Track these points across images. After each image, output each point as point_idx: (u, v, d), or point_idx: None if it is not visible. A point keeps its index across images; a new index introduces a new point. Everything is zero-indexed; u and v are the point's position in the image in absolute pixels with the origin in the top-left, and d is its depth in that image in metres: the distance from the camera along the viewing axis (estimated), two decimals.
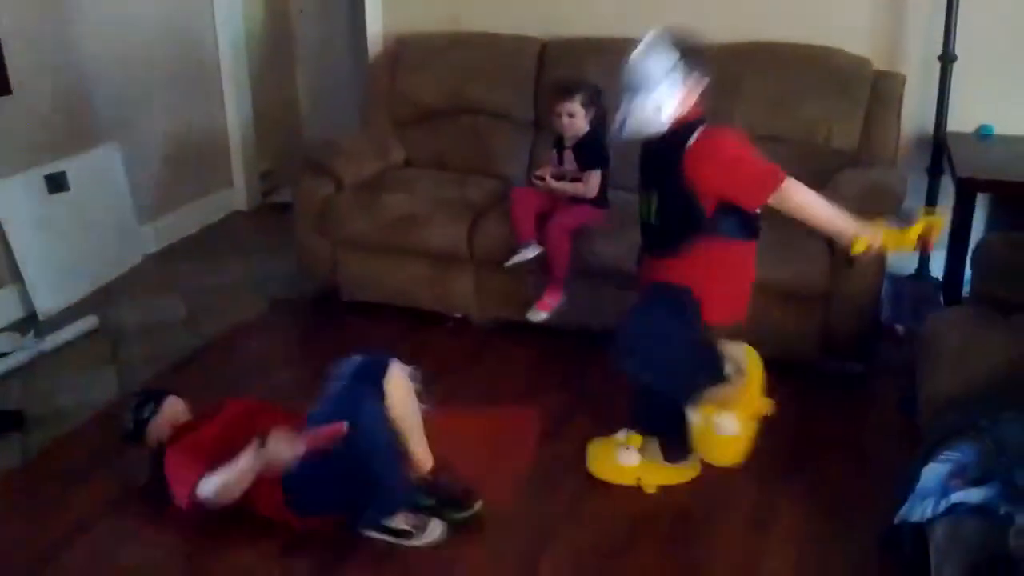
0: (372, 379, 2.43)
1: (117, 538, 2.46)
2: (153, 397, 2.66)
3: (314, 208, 3.69)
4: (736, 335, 3.01)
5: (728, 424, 2.52)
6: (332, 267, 3.75)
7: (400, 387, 2.47)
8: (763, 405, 2.56)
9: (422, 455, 2.51)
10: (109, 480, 2.67)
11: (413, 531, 2.36)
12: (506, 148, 3.92)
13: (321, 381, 2.52)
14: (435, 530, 2.38)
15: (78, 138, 3.99)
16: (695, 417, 2.53)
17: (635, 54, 2.32)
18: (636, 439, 2.64)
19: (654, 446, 2.62)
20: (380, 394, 2.41)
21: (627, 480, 2.61)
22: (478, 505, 2.46)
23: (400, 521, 2.36)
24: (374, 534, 2.37)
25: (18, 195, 3.69)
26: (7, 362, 3.32)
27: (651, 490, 2.59)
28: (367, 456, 2.28)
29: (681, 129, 2.32)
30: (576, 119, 3.30)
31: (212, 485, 2.33)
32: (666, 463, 2.61)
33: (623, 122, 2.34)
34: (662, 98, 2.29)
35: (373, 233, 3.60)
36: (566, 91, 3.33)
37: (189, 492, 2.37)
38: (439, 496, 2.44)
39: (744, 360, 2.58)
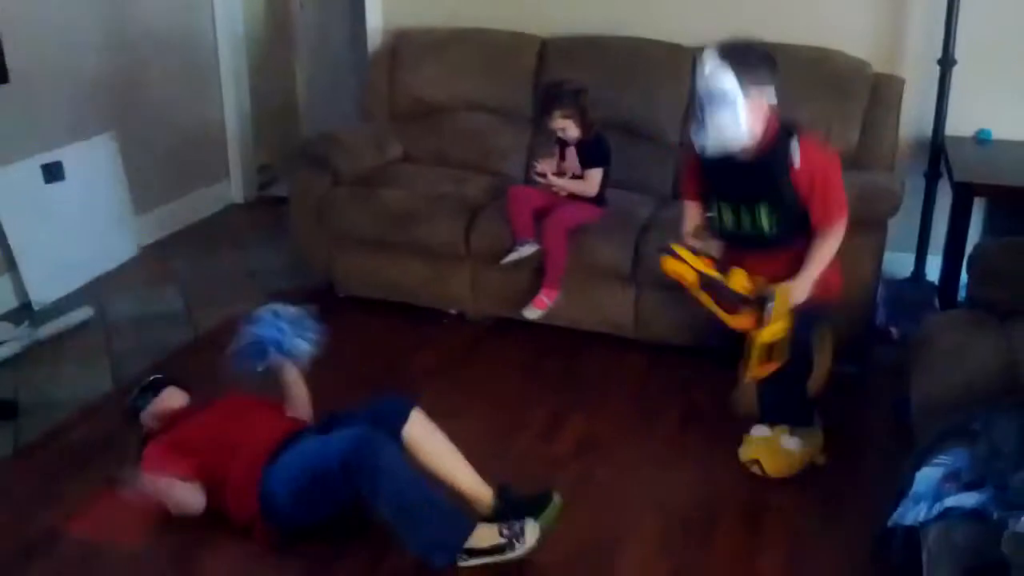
0: (389, 424, 2.32)
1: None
2: (153, 387, 2.65)
3: (311, 202, 3.69)
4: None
5: (793, 443, 2.63)
6: (328, 262, 3.74)
7: (420, 434, 2.34)
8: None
9: (474, 487, 2.32)
10: (102, 471, 2.65)
11: (509, 541, 2.19)
12: (504, 145, 3.92)
13: (316, 373, 2.53)
14: (532, 531, 2.21)
15: (75, 128, 3.97)
16: (763, 430, 2.66)
17: (702, 70, 2.39)
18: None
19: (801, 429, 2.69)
20: (397, 440, 2.30)
21: (803, 462, 2.64)
22: (557, 496, 2.32)
23: (486, 538, 2.20)
24: (470, 563, 2.20)
25: (14, 184, 3.68)
26: (1, 352, 3.31)
27: (822, 460, 2.67)
28: (391, 501, 2.18)
29: (776, 141, 2.43)
30: (567, 129, 3.33)
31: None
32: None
33: (705, 139, 2.43)
34: (737, 113, 2.36)
35: (370, 228, 3.59)
36: (546, 109, 3.36)
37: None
38: (518, 510, 2.26)
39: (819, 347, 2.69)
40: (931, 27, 3.55)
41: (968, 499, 1.82)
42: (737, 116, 2.36)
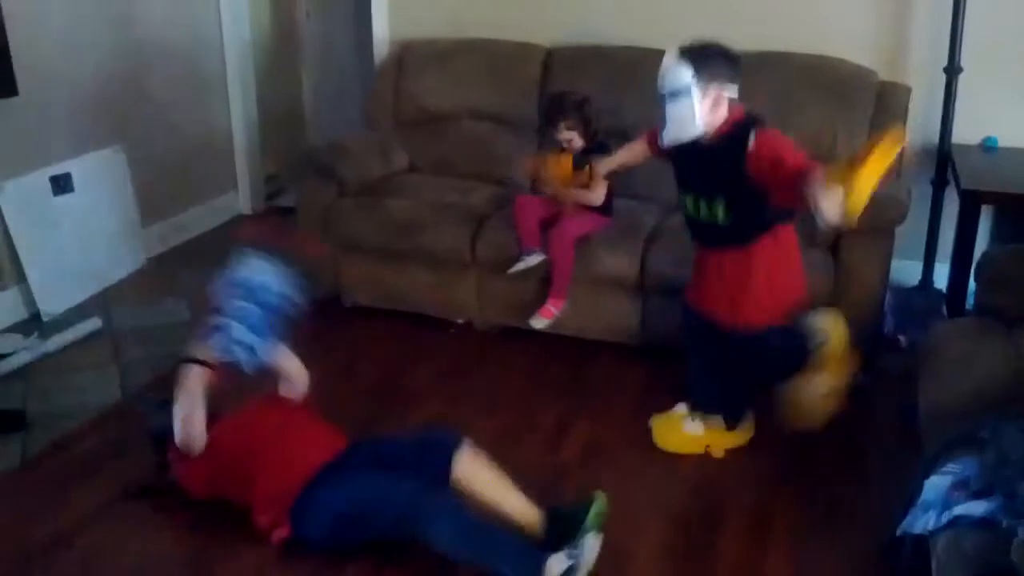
0: (437, 459, 2.32)
1: (116, 539, 2.45)
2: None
3: (317, 212, 3.70)
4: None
5: (815, 388, 2.65)
6: (335, 271, 3.75)
7: (469, 470, 2.33)
8: (846, 369, 2.70)
9: (525, 513, 2.31)
10: (110, 481, 2.66)
11: (576, 561, 2.18)
12: (510, 154, 3.92)
13: (322, 382, 2.52)
14: (594, 544, 2.23)
15: (83, 140, 3.99)
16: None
17: (661, 68, 2.47)
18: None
19: (716, 419, 2.80)
20: (444, 480, 2.30)
21: (696, 448, 2.79)
22: (599, 497, 2.31)
23: (555, 567, 2.17)
24: None
25: (23, 196, 3.70)
26: (10, 362, 3.32)
27: (719, 455, 2.77)
28: (460, 555, 2.20)
29: (734, 132, 2.46)
30: (572, 140, 3.34)
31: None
32: (728, 431, 2.81)
33: (666, 132, 2.53)
34: (691, 106, 2.44)
35: (376, 237, 3.60)
36: (551, 120, 3.37)
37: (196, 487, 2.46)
38: (569, 523, 2.25)
39: (831, 327, 2.67)
40: (937, 35, 3.55)
41: (977, 507, 1.82)
42: (693, 109, 2.43)
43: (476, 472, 2.33)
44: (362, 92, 4.94)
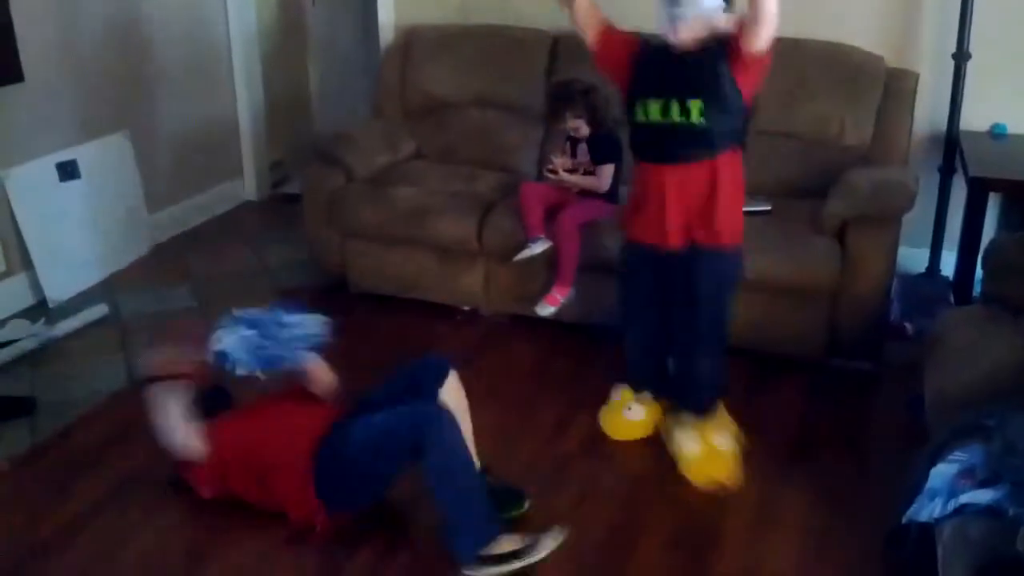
0: (428, 384, 2.44)
1: (124, 525, 2.47)
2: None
3: (323, 200, 3.70)
4: (743, 333, 3.02)
5: (726, 440, 2.67)
6: (341, 259, 3.75)
7: (452, 398, 2.46)
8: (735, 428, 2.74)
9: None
10: (117, 466, 2.68)
11: (524, 550, 2.23)
12: (516, 142, 3.91)
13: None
14: (552, 543, 2.26)
15: (89, 127, 3.99)
16: (694, 444, 2.67)
17: None
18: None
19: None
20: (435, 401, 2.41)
21: (641, 433, 2.80)
22: (528, 503, 2.47)
23: (505, 544, 2.23)
24: (478, 572, 2.22)
25: (30, 182, 3.70)
26: (17, 349, 3.34)
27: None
28: (449, 480, 2.24)
29: (719, 36, 2.43)
30: (579, 128, 3.33)
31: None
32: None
33: (683, 17, 2.39)
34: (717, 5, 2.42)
35: (382, 225, 3.60)
36: (557, 109, 3.36)
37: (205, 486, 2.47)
38: (493, 494, 2.35)
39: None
40: (945, 21, 3.52)
41: (983, 496, 1.82)
42: (715, 8, 2.41)
43: (456, 401, 2.45)
44: (368, 79, 4.93)
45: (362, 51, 5.41)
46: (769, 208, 3.33)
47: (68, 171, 3.87)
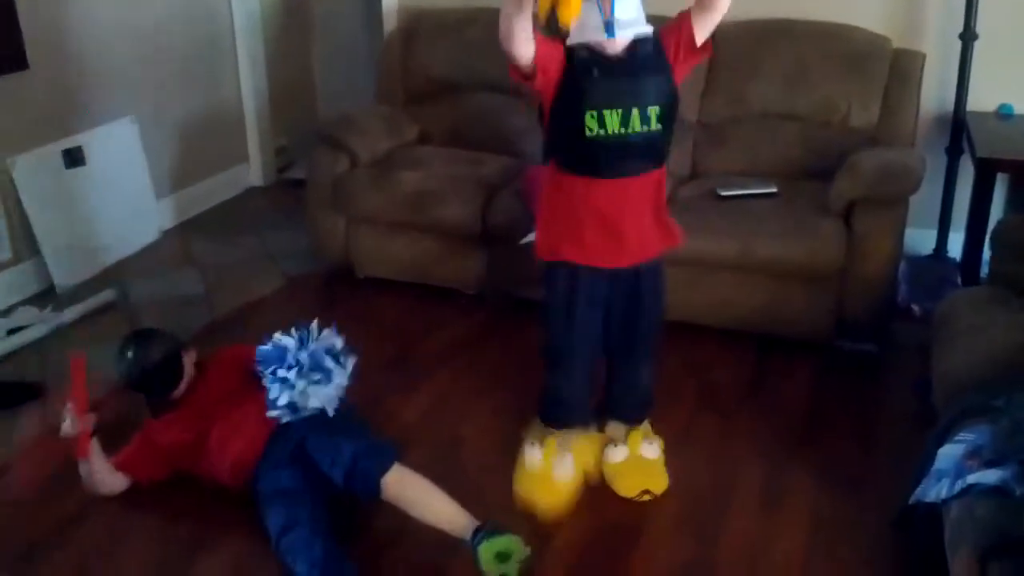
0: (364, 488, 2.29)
1: (131, 512, 2.48)
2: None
3: (328, 185, 3.70)
4: (750, 316, 3.01)
5: (654, 449, 2.55)
6: (347, 243, 3.76)
7: (395, 492, 2.27)
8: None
9: (450, 519, 2.24)
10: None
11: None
12: (521, 126, 3.90)
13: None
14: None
15: (95, 113, 3.99)
16: (620, 455, 2.53)
17: None
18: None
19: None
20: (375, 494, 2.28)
21: (576, 487, 2.48)
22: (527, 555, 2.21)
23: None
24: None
25: (36, 169, 3.71)
26: (25, 335, 3.35)
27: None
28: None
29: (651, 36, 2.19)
30: None
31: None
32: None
33: (611, 24, 2.11)
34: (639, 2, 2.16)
35: (387, 210, 3.60)
36: None
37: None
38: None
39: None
40: (951, 1, 3.50)
41: (990, 476, 1.82)
42: (639, 4, 2.15)
43: (401, 492, 2.27)
44: (372, 63, 4.92)
45: (366, 34, 5.39)
46: (775, 190, 3.32)
47: (74, 157, 3.88)
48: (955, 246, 3.59)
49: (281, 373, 2.40)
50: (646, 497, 2.48)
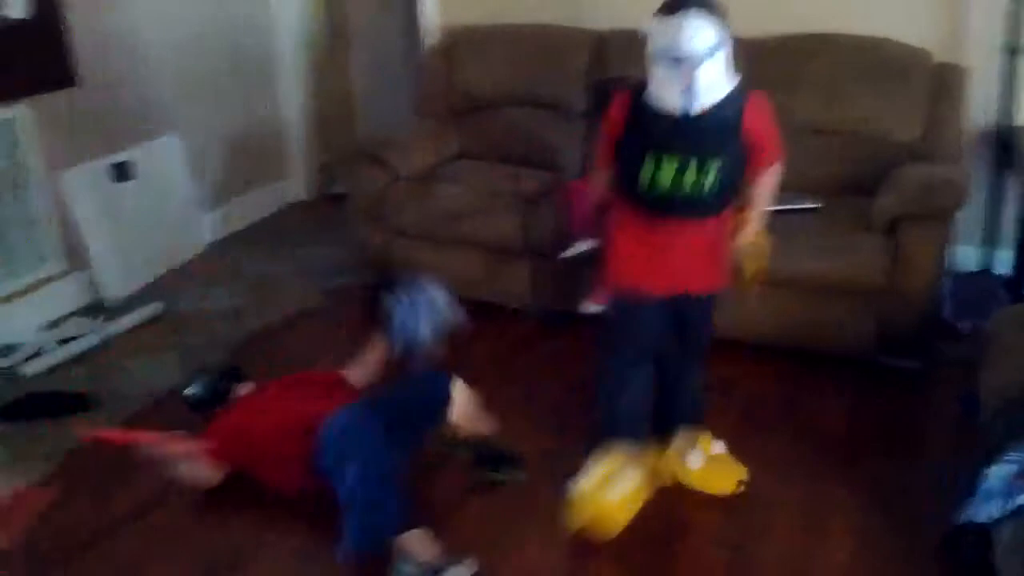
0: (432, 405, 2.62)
1: (174, 520, 2.53)
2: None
3: (369, 199, 3.74)
4: (791, 331, 2.98)
5: (721, 445, 2.64)
6: (387, 258, 3.79)
7: (461, 410, 2.64)
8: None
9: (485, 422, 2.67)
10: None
11: (437, 568, 2.17)
12: (560, 140, 3.92)
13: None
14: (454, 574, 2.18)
15: (141, 128, 4.08)
16: (699, 458, 2.61)
17: (681, 28, 2.17)
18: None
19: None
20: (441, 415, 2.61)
21: (641, 500, 2.50)
22: (522, 475, 2.58)
23: (416, 545, 2.23)
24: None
25: (86, 184, 3.80)
26: (75, 346, 3.43)
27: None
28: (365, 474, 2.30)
29: (734, 94, 2.25)
30: None
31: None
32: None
33: (692, 101, 2.19)
34: (721, 64, 2.19)
35: (427, 225, 3.63)
36: (599, 108, 3.33)
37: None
38: (482, 452, 2.54)
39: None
40: (995, 12, 3.46)
41: None
42: (722, 68, 2.20)
43: (464, 408, 2.66)
44: (412, 80, 4.97)
45: (406, 51, 5.44)
46: (818, 205, 3.30)
47: (123, 172, 3.96)
48: (1002, 263, 3.54)
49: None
50: (742, 488, 2.55)
